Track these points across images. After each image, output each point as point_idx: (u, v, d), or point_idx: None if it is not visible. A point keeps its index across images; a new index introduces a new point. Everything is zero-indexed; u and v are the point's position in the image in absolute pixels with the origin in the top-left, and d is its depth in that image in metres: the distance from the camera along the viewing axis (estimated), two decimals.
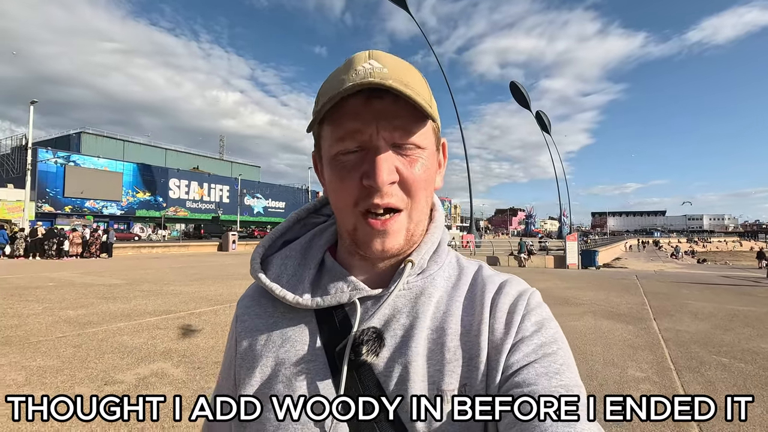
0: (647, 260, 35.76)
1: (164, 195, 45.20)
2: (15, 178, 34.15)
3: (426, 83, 0.51)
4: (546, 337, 0.48)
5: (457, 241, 29.08)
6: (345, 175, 0.48)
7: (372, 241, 0.49)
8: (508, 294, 0.51)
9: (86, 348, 4.37)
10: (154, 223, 42.94)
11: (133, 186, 42.70)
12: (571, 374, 0.45)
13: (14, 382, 3.40)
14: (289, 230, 0.62)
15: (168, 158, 53.74)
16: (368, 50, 0.50)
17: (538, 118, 58.65)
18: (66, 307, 6.58)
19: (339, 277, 0.54)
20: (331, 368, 0.49)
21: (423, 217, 0.52)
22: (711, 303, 7.90)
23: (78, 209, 37.17)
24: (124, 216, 40.74)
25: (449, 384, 0.46)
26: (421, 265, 0.53)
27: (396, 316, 0.51)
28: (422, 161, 0.49)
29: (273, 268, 0.57)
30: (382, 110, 0.46)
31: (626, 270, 20.93)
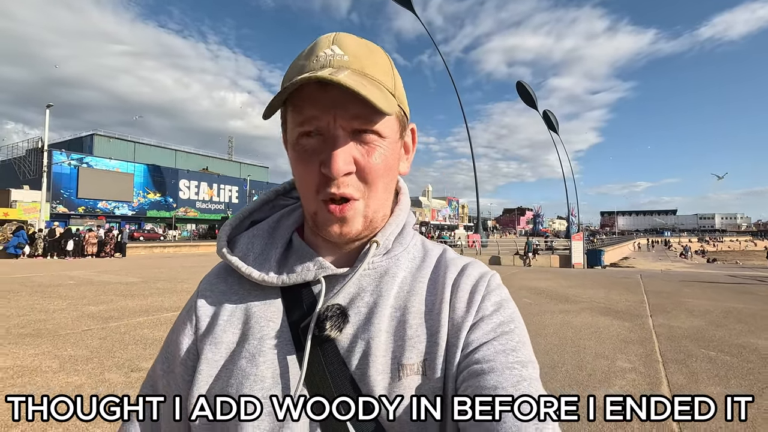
0: (655, 260, 35.61)
1: (174, 196, 45.97)
2: (31, 179, 34.97)
3: (391, 67, 0.51)
4: (504, 316, 0.50)
5: (463, 240, 29.21)
6: (306, 159, 0.49)
7: (330, 225, 0.50)
8: (470, 276, 0.54)
9: (111, 340, 4.71)
10: (165, 223, 43.71)
11: (144, 187, 43.51)
12: (527, 351, 0.47)
13: (50, 369, 3.74)
14: (257, 210, 0.62)
15: (178, 159, 54.52)
16: (334, 33, 0.50)
17: (545, 118, 58.44)
18: (88, 303, 6.96)
19: (305, 256, 0.55)
20: (295, 344, 0.50)
21: (381, 204, 0.53)
22: (709, 301, 8.05)
23: (91, 210, 38.01)
24: (135, 216, 41.52)
25: (409, 359, 0.48)
26: (386, 246, 0.55)
27: (360, 294, 0.52)
28: (381, 150, 0.49)
29: (240, 246, 0.57)
30: (339, 99, 0.45)
31: (632, 269, 20.96)
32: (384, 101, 0.45)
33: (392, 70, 0.51)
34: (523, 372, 0.44)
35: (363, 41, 0.50)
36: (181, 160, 54.64)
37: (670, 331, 5.53)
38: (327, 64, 0.46)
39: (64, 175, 36.29)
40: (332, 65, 0.46)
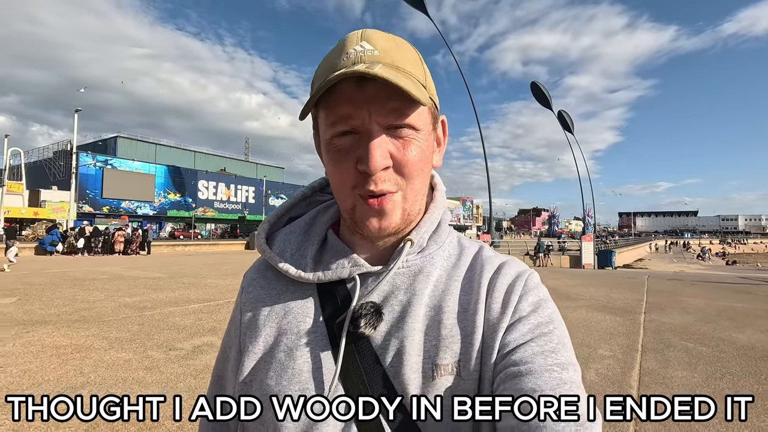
0: (671, 262, 35.22)
1: (193, 196, 47.28)
2: (59, 180, 36.62)
3: (420, 60, 0.51)
4: (542, 317, 0.49)
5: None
6: (341, 158, 0.48)
7: (369, 219, 0.50)
8: (507, 275, 0.53)
9: (148, 326, 5.35)
10: (184, 222, 45.08)
11: (164, 187, 44.90)
12: (567, 353, 0.46)
13: (101, 347, 4.37)
14: (294, 207, 0.63)
15: (197, 160, 56.06)
16: (361, 30, 0.50)
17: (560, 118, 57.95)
18: (123, 295, 7.67)
19: (341, 253, 0.55)
20: (330, 340, 0.51)
21: (419, 197, 0.53)
22: (707, 300, 8.32)
23: (115, 209, 39.49)
24: (156, 216, 42.92)
25: (444, 359, 0.48)
26: (420, 244, 0.54)
27: (394, 292, 0.52)
28: (417, 143, 0.49)
29: (277, 242, 0.59)
30: (374, 94, 0.46)
31: (643, 270, 20.97)
32: (418, 92, 0.45)
33: (422, 62, 0.51)
34: (563, 375, 0.43)
35: (390, 36, 0.50)
36: (200, 161, 56.17)
37: (658, 326, 5.90)
38: (359, 60, 0.46)
39: (89, 176, 37.81)
40: (364, 60, 0.46)
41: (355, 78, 0.45)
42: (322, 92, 0.45)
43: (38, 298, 7.13)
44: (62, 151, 37.87)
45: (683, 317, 6.56)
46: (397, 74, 0.45)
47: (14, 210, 30.13)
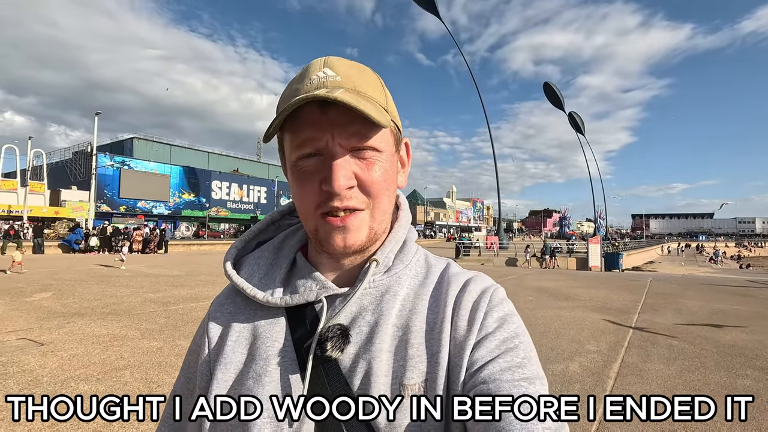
0: (681, 265, 34.98)
1: (207, 196, 48.33)
2: (79, 181, 37.86)
3: (381, 85, 0.53)
4: (508, 332, 0.49)
5: (481, 242, 29.76)
6: (305, 180, 0.50)
7: (333, 237, 0.50)
8: (472, 291, 0.53)
9: (174, 318, 5.87)
10: (198, 222, 46.16)
11: (179, 187, 46.02)
12: (533, 366, 0.47)
13: (135, 336, 4.89)
14: (263, 232, 0.64)
15: (210, 161, 57.19)
16: (324, 57, 0.51)
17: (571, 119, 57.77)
18: (147, 291, 8.24)
19: (308, 276, 0.55)
20: (299, 364, 0.51)
21: (385, 217, 0.54)
22: (703, 302, 8.56)
23: (131, 209, 40.65)
24: (171, 216, 44.03)
25: (411, 379, 0.48)
26: (386, 263, 0.55)
27: (362, 313, 0.52)
28: (380, 163, 0.51)
29: (246, 267, 0.59)
30: (337, 118, 0.47)
31: (650, 273, 21.04)
32: (379, 115, 0.47)
33: (383, 87, 0.53)
34: (530, 389, 0.44)
35: (353, 62, 0.52)
36: (213, 162, 57.26)
37: (649, 325, 6.21)
38: (321, 86, 0.47)
39: (107, 176, 38.97)
40: (326, 86, 0.47)
41: (318, 102, 0.47)
42: (286, 116, 0.47)
43: (71, 293, 7.73)
44: (81, 152, 39.16)
45: (675, 318, 6.86)
46: (358, 98, 0.47)
47: (36, 209, 31.29)
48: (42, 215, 30.37)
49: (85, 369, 3.79)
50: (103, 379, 3.56)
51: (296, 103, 0.46)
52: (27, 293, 7.61)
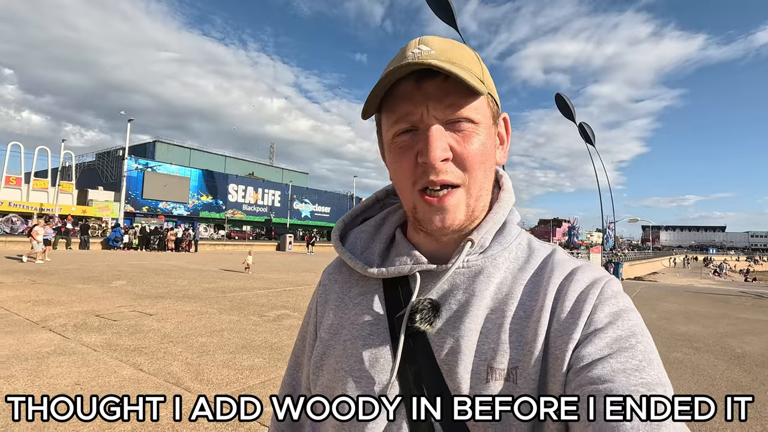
0: (685, 276, 35.76)
1: (224, 198, 50.27)
2: (110, 183, 40.13)
3: (477, 59, 0.52)
4: (622, 329, 0.45)
5: None
6: (402, 154, 0.51)
7: (431, 217, 0.51)
8: (579, 281, 0.50)
9: (236, 302, 7.33)
10: (215, 223, 48.05)
11: (198, 190, 48.03)
12: (653, 371, 0.42)
13: (213, 313, 6.33)
14: (368, 208, 0.68)
15: (227, 165, 59.33)
16: (420, 36, 0.52)
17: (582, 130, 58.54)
18: (201, 282, 9.74)
19: (404, 251, 0.57)
20: (390, 333, 0.53)
21: (483, 193, 0.53)
22: (679, 305, 9.77)
23: (153, 210, 42.64)
24: (189, 217, 45.95)
25: (500, 363, 0.47)
26: (482, 244, 0.54)
27: (453, 291, 0.53)
28: (477, 136, 0.50)
29: (350, 240, 0.64)
30: (432, 90, 0.48)
31: (648, 283, 22.05)
32: (474, 81, 0.47)
33: (479, 60, 0.53)
34: None
35: (448, 39, 0.52)
36: (230, 166, 59.38)
37: None
38: (416, 60, 0.47)
39: (131, 178, 40.98)
40: (421, 59, 0.47)
41: (414, 77, 0.48)
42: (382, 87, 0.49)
43: (141, 282, 9.26)
44: (106, 153, 41.62)
45: (648, 314, 8.11)
46: (452, 66, 0.47)
47: (65, 208, 33.30)
48: (71, 213, 32.29)
49: (194, 330, 5.23)
50: (212, 335, 5.00)
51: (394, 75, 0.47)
52: (107, 281, 9.15)
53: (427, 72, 0.47)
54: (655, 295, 11.58)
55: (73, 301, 6.69)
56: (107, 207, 37.46)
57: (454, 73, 0.45)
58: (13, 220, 23.27)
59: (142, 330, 5.10)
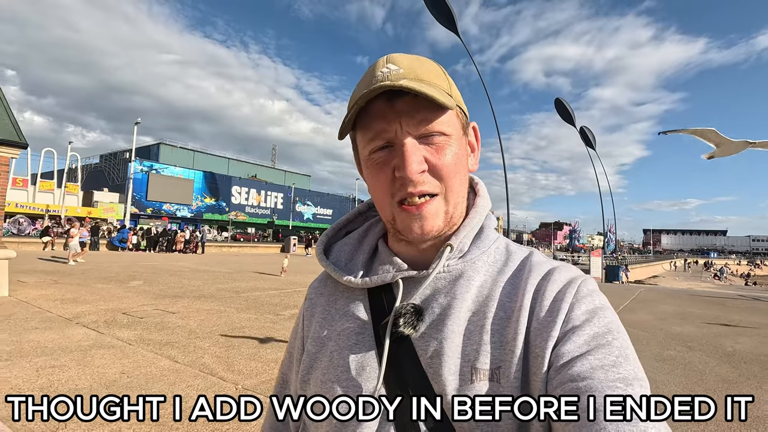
0: (685, 280, 36.00)
1: (227, 200, 50.69)
2: (117, 185, 40.64)
3: (443, 73, 0.55)
4: (599, 326, 0.47)
5: None
6: (379, 170, 0.53)
7: (411, 225, 0.53)
8: (556, 281, 0.52)
9: (250, 301, 7.68)
10: (218, 225, 48.47)
11: (201, 192, 48.48)
12: (629, 366, 0.43)
13: (232, 311, 6.68)
14: (351, 222, 0.70)
15: (231, 167, 59.81)
16: (387, 55, 0.54)
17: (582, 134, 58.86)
18: (214, 282, 10.09)
19: (387, 260, 0.59)
20: (376, 340, 0.55)
21: (460, 200, 0.56)
22: (676, 307, 10.07)
23: (157, 211, 43.07)
24: (193, 218, 46.37)
25: (483, 363, 0.49)
26: (461, 249, 0.56)
27: (435, 295, 0.55)
28: (449, 147, 0.52)
29: (333, 253, 0.66)
30: (403, 107, 0.50)
31: (649, 285, 22.34)
32: (443, 97, 0.50)
33: (445, 75, 0.55)
34: (627, 390, 0.40)
35: (414, 56, 0.55)
36: (233, 168, 59.85)
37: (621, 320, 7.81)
38: (385, 79, 0.50)
39: (136, 179, 41.38)
40: (390, 79, 0.50)
41: (385, 96, 0.51)
42: (357, 109, 0.51)
43: (156, 282, 9.61)
44: (111, 155, 42.10)
45: (645, 316, 8.42)
46: (421, 84, 0.49)
47: (71, 209, 33.71)
48: (76, 215, 32.69)
49: (216, 326, 5.58)
50: (234, 331, 5.34)
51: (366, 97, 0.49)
52: (124, 281, 9.52)
53: (397, 90, 0.49)
54: (653, 298, 11.88)
55: (97, 300, 7.05)
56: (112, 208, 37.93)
57: (423, 92, 0.48)
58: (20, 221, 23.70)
59: (168, 326, 5.45)
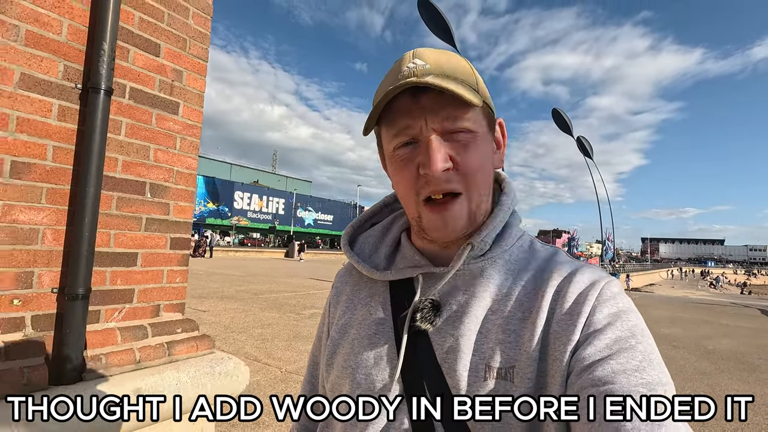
0: (681, 288, 36.58)
1: (230, 205, 51.29)
2: None
3: (471, 68, 0.55)
4: (622, 330, 0.46)
5: None
6: (403, 167, 0.53)
7: (435, 225, 0.54)
8: (578, 282, 0.51)
9: (270, 302, 8.25)
10: (220, 230, 49.01)
11: (204, 197, 49.10)
12: (654, 371, 0.42)
13: (257, 310, 7.24)
14: (376, 214, 0.71)
15: (233, 172, 60.51)
16: (414, 49, 0.54)
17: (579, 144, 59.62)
18: (232, 285, 10.66)
19: (409, 255, 0.61)
20: (395, 332, 0.57)
21: (483, 198, 0.55)
22: (668, 312, 10.65)
23: None
24: (196, 223, 46.83)
25: (497, 362, 0.49)
26: (481, 247, 0.56)
27: (453, 292, 0.55)
28: (474, 145, 0.52)
29: (358, 244, 0.67)
30: (429, 104, 0.50)
31: (645, 293, 22.90)
32: (468, 93, 0.49)
33: (473, 70, 0.55)
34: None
35: (441, 50, 0.54)
36: (235, 173, 60.57)
37: None
38: (411, 75, 0.50)
39: None
40: (416, 74, 0.50)
41: (410, 91, 0.50)
42: (382, 107, 0.51)
43: None
44: None
45: None
46: (447, 80, 0.49)
47: None
48: None
49: (247, 323, 6.15)
50: (266, 327, 5.92)
51: (391, 93, 0.49)
52: None
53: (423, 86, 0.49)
54: (647, 304, 12.47)
55: None
56: None
57: (448, 89, 0.48)
58: None
59: (204, 322, 6.02)
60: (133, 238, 1.53)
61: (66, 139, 1.34)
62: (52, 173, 1.31)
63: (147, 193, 1.57)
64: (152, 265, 1.60)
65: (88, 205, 1.32)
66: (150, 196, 1.58)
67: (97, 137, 1.35)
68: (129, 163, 1.51)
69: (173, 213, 1.66)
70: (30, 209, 1.27)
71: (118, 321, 1.49)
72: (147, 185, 1.57)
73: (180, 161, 1.68)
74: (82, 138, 1.36)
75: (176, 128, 1.66)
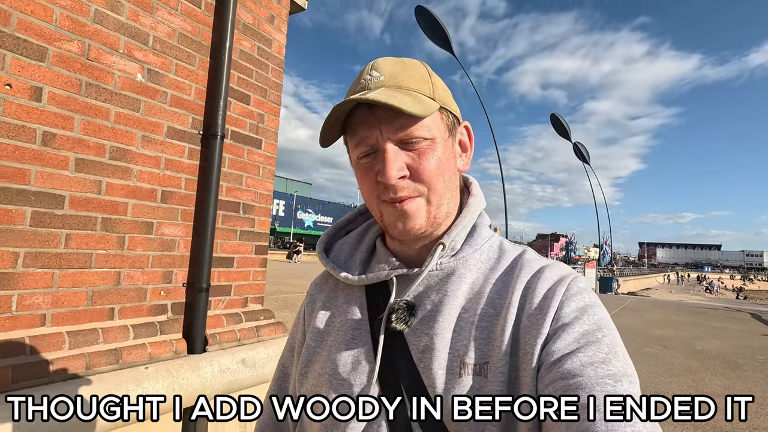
0: (677, 292, 37.08)
1: None
2: None
3: (427, 75, 0.56)
4: (589, 324, 0.47)
5: None
6: (365, 174, 0.56)
7: (395, 222, 0.55)
8: (547, 278, 0.52)
9: (281, 302, 8.66)
10: None
11: None
12: (619, 362, 0.44)
13: (276, 310, 7.69)
14: (351, 222, 0.73)
15: None
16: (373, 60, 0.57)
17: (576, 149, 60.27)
18: None
19: (383, 258, 0.62)
20: (372, 335, 0.57)
21: (444, 201, 0.57)
22: (662, 315, 11.08)
23: None
24: None
25: (471, 358, 0.50)
26: (453, 247, 0.58)
27: (427, 292, 0.57)
28: (432, 151, 0.54)
29: (334, 251, 0.68)
30: (383, 115, 0.52)
31: (641, 297, 23.33)
32: (416, 106, 0.51)
33: (429, 76, 0.56)
34: (617, 387, 0.41)
35: (398, 59, 0.56)
36: None
37: None
38: (365, 88, 0.53)
39: None
40: (370, 87, 0.53)
41: (366, 104, 0.52)
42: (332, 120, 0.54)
43: None
44: None
45: (632, 322, 9.45)
46: (395, 94, 0.51)
47: None
48: None
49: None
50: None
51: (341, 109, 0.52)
52: None
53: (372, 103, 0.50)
54: (643, 307, 12.92)
55: None
56: None
57: (391, 105, 0.49)
58: None
59: None
60: (232, 246, 1.99)
61: (193, 172, 1.80)
62: (184, 198, 1.77)
63: (240, 211, 2.03)
64: (243, 266, 2.05)
65: (209, 222, 1.78)
66: (242, 213, 2.04)
67: (214, 171, 1.80)
68: (229, 188, 1.97)
69: (257, 226, 2.12)
70: (171, 225, 1.73)
71: (222, 309, 1.94)
72: (240, 205, 2.03)
73: (262, 185, 2.14)
74: (204, 172, 1.82)
75: (260, 160, 2.12)
